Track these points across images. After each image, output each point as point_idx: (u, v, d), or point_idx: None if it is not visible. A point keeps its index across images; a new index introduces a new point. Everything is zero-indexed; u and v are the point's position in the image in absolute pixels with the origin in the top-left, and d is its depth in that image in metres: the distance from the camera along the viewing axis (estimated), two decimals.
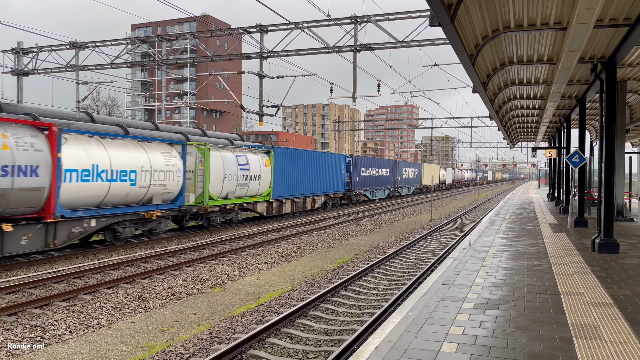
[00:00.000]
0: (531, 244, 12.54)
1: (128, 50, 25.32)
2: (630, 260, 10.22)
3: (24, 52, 27.87)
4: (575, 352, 5.06)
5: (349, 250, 17.15)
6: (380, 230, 23.03)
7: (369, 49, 20.92)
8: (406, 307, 6.74)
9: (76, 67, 26.51)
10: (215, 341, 7.88)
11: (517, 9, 8.74)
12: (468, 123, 58.56)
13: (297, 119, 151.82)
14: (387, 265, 14.09)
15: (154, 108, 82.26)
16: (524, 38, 10.52)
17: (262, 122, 25.02)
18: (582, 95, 16.90)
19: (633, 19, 8.86)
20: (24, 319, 8.80)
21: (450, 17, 7.57)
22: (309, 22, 21.10)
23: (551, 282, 8.25)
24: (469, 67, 10.62)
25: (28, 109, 15.63)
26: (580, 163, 15.61)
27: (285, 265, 14.52)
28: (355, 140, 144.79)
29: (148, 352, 7.50)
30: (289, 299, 10.58)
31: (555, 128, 29.11)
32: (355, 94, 22.05)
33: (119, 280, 11.45)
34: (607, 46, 10.74)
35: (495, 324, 5.97)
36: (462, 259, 10.40)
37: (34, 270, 12.71)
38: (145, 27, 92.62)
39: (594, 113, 22.96)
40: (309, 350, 7.40)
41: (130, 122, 20.04)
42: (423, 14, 19.54)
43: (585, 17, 7.64)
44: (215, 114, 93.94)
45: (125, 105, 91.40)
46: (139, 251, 15.71)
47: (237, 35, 23.41)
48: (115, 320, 9.03)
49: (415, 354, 5.01)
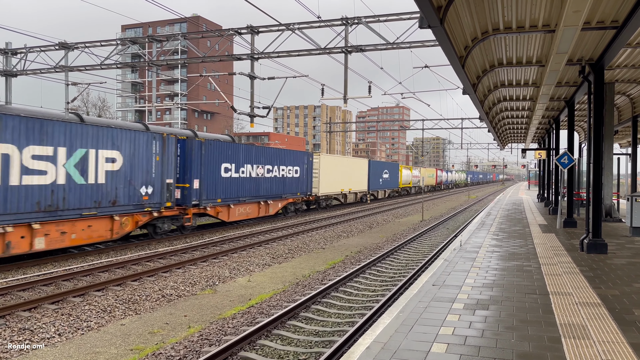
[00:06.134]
0: (521, 245, 12.62)
1: (118, 51, 25.18)
2: (618, 261, 10.32)
3: (13, 52, 27.62)
4: (564, 352, 5.10)
5: (340, 252, 17.16)
6: (372, 232, 23.06)
7: (360, 51, 20.97)
8: (397, 308, 6.76)
9: (65, 68, 26.31)
10: (206, 343, 7.85)
11: (506, 11, 8.81)
12: (459, 124, 58.71)
13: (289, 120, 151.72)
14: (378, 266, 14.12)
15: (145, 109, 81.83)
16: (513, 40, 10.60)
17: (254, 123, 24.96)
18: (570, 97, 17.06)
19: (620, 22, 8.96)
20: (12, 322, 8.71)
21: (439, 19, 7.62)
22: (300, 24, 21.11)
23: (540, 282, 8.31)
24: (458, 69, 10.68)
25: (17, 110, 15.50)
26: (569, 164, 15.75)
27: (277, 266, 14.50)
28: (347, 142, 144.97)
29: (138, 354, 7.46)
30: (280, 300, 10.56)
31: (544, 129, 29.35)
32: (347, 95, 22.08)
33: (109, 283, 11.37)
34: (595, 48, 10.85)
35: (485, 324, 6.01)
36: (452, 259, 10.44)
37: (23, 273, 12.60)
38: (136, 27, 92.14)
39: (582, 115, 23.18)
40: (300, 351, 7.39)
41: (120, 123, 19.93)
42: (413, 16, 19.62)
43: (573, 19, 7.71)
44: (206, 115, 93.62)
45: (116, 106, 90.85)
46: (129, 253, 15.61)
47: (228, 37, 23.36)
48: (104, 323, 8.97)
49: (405, 355, 5.03)
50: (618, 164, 26.78)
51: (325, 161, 32.66)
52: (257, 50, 22.44)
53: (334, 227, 23.69)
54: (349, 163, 37.46)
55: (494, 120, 24.00)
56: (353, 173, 37.84)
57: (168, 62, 25.98)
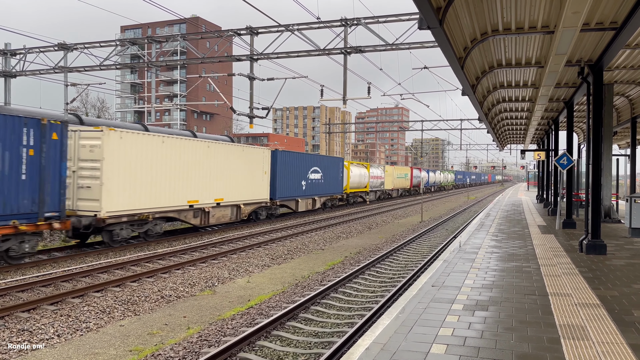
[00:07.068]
0: (520, 246, 12.63)
1: (117, 52, 25.18)
2: (617, 262, 10.33)
3: (12, 53, 27.61)
4: (563, 353, 5.10)
5: (339, 253, 17.16)
6: (371, 232, 23.07)
7: (359, 52, 20.99)
8: (396, 308, 6.76)
9: (64, 69, 26.30)
10: (205, 344, 7.84)
11: (505, 13, 8.82)
12: (458, 125, 58.13)
13: (288, 121, 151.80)
14: (377, 267, 14.12)
15: (144, 110, 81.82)
16: (512, 41, 10.61)
17: (253, 124, 24.97)
18: (569, 98, 17.08)
19: (619, 23, 8.97)
20: (11, 323, 8.70)
21: (439, 20, 7.63)
22: (299, 25, 21.12)
23: (539, 283, 8.32)
24: (458, 70, 10.69)
25: (16, 110, 15.49)
26: (568, 165, 15.76)
27: (276, 267, 14.49)
28: (346, 143, 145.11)
29: (137, 355, 7.45)
30: (280, 301, 10.56)
31: (543, 130, 29.38)
32: (346, 96, 22.10)
33: (108, 284, 11.36)
34: (594, 49, 10.86)
35: (484, 325, 6.01)
36: (451, 260, 10.45)
37: (22, 274, 12.58)
38: (135, 28, 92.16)
39: (581, 116, 23.20)
40: (299, 352, 7.39)
41: (119, 124, 19.92)
42: (413, 17, 19.65)
43: (572, 20, 7.72)
44: (205, 116, 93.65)
45: (115, 107, 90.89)
46: (128, 254, 15.60)
47: (228, 38, 23.37)
48: (104, 324, 8.96)
49: (404, 356, 5.02)
50: (617, 165, 26.83)
51: (118, 144, 15.73)
52: (256, 51, 22.45)
53: (333, 228, 23.69)
54: (208, 152, 20.12)
55: (493, 121, 24.03)
56: (227, 172, 21.34)
57: (167, 63, 25.99)
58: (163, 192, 17.66)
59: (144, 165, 16.81)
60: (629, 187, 26.89)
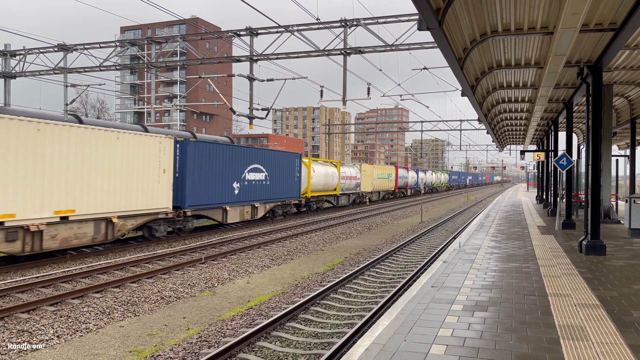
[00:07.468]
0: (520, 246, 12.63)
1: (117, 53, 25.19)
2: (617, 262, 10.33)
3: (12, 54, 27.62)
4: (562, 353, 5.10)
5: (339, 253, 17.16)
6: (371, 233, 23.07)
7: (359, 53, 21.00)
8: (396, 309, 6.77)
9: (64, 70, 26.31)
10: (204, 345, 7.85)
11: (505, 14, 8.83)
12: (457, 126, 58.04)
13: (288, 122, 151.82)
14: (377, 267, 14.12)
15: (144, 111, 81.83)
16: (511, 42, 10.63)
17: (253, 125, 24.96)
18: (569, 98, 17.10)
19: (618, 24, 8.99)
20: (11, 324, 8.70)
21: (438, 21, 7.64)
22: (299, 25, 21.14)
23: (539, 283, 8.32)
24: (457, 71, 10.70)
25: (15, 111, 15.49)
26: (568, 166, 15.77)
27: (276, 268, 14.49)
28: (346, 143, 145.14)
29: (137, 356, 7.45)
30: (279, 302, 10.56)
31: (543, 131, 29.40)
32: (346, 97, 22.11)
33: (108, 285, 11.36)
34: (593, 50, 10.87)
35: (484, 326, 6.01)
36: (451, 261, 10.45)
37: (21, 275, 12.58)
38: (135, 29, 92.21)
39: (581, 116, 23.23)
40: (299, 353, 7.39)
41: (119, 125, 19.92)
42: (412, 18, 19.66)
43: (571, 21, 7.74)
44: (205, 117, 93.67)
45: (115, 108, 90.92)
46: (128, 255, 15.60)
47: (227, 38, 23.38)
48: (103, 325, 8.96)
49: (404, 356, 5.03)
50: (617, 165, 26.84)
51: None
52: (256, 52, 22.46)
53: (333, 229, 23.70)
54: (41, 139, 13.15)
55: (493, 122, 24.04)
56: (84, 168, 14.52)
57: (167, 64, 26.00)
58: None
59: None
60: (628, 187, 26.89)
